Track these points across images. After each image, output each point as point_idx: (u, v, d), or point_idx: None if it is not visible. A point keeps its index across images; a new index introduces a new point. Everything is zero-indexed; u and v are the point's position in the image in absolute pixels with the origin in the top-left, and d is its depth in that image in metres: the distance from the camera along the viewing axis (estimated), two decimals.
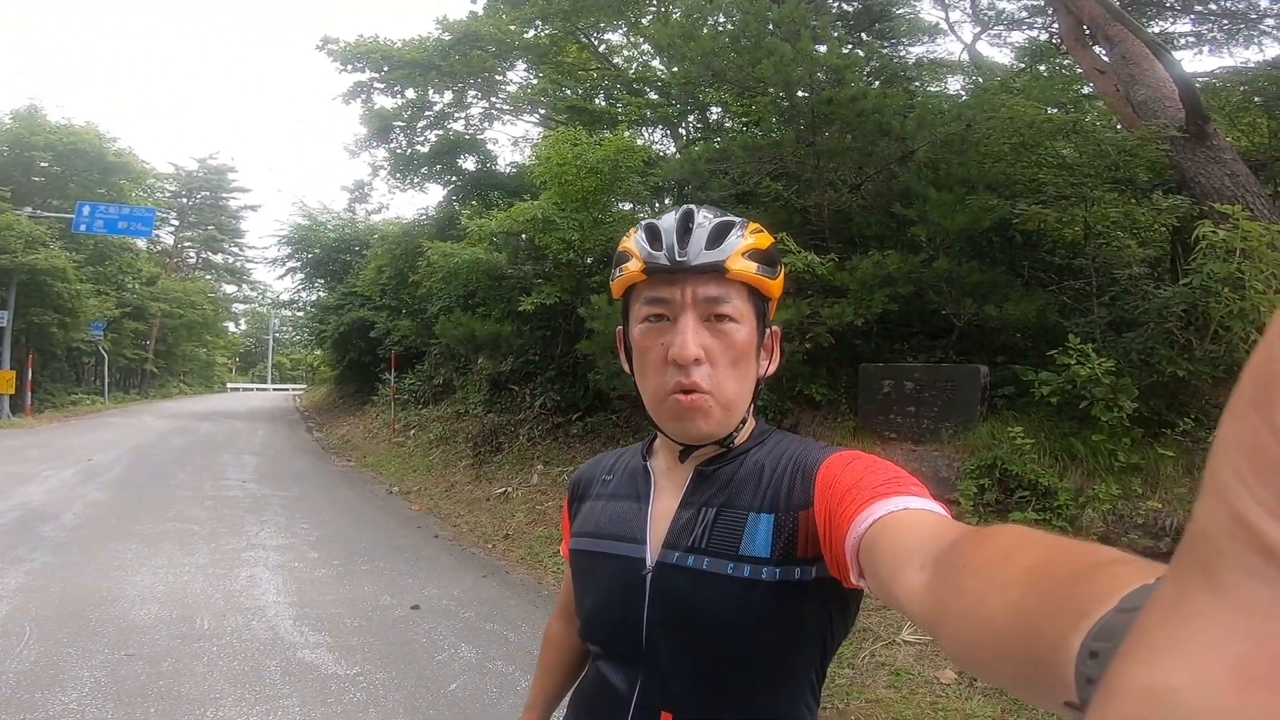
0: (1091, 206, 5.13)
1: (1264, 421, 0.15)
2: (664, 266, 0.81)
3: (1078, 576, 0.31)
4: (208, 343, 38.91)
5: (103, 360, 25.43)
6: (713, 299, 0.81)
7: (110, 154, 24.80)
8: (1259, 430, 0.15)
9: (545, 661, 1.09)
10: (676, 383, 0.80)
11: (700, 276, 0.81)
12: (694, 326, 0.80)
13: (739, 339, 0.82)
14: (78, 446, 12.02)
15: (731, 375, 0.82)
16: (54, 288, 18.43)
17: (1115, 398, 4.34)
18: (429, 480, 9.02)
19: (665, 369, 0.81)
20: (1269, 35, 7.78)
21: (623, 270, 0.86)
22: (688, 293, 0.81)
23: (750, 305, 0.83)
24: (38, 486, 8.19)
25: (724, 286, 0.81)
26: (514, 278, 8.23)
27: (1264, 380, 0.15)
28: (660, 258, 0.81)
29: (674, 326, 0.81)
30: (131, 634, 3.87)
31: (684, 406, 0.81)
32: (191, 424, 17.25)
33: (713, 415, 0.81)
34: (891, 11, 9.61)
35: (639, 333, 0.85)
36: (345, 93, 12.34)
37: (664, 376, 0.82)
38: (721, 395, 0.81)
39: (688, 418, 0.81)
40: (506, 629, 4.13)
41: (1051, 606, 0.31)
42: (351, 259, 18.42)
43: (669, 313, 0.82)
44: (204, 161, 38.04)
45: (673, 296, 0.81)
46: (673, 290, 0.81)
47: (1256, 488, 0.15)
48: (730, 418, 0.84)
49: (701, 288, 0.81)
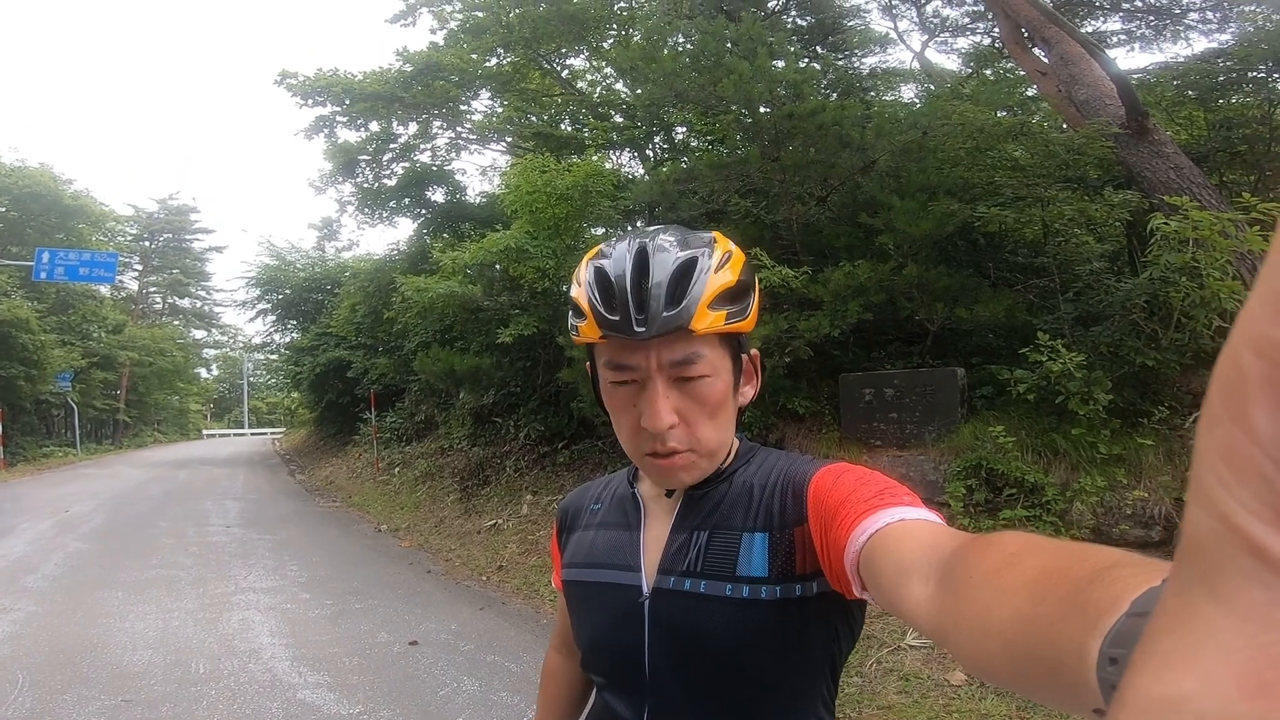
0: (1047, 206, 5.29)
1: (1237, 425, 0.16)
2: (621, 335, 0.75)
3: (1084, 582, 0.32)
4: (180, 390, 38.00)
5: (72, 411, 24.80)
6: (680, 362, 0.76)
7: (67, 196, 24.22)
8: (1233, 434, 0.16)
9: (546, 695, 1.07)
10: (653, 449, 0.79)
11: (665, 338, 0.75)
12: (663, 394, 0.76)
13: (714, 393, 0.78)
14: (53, 499, 11.73)
15: (710, 426, 0.79)
16: (18, 339, 18.01)
17: (1089, 391, 4.43)
18: (417, 517, 8.93)
19: (640, 432, 0.78)
20: (1194, 29, 8.10)
21: (578, 330, 0.80)
22: (652, 358, 0.76)
23: (724, 351, 0.79)
24: (16, 539, 8.02)
25: (692, 345, 0.76)
26: (490, 309, 8.22)
27: (1232, 386, 0.16)
28: (617, 323, 0.75)
29: (643, 393, 0.77)
30: (126, 680, 3.82)
31: (664, 467, 0.79)
32: (169, 472, 16.87)
33: (696, 468, 0.81)
34: (843, 24, 9.87)
35: (607, 392, 0.82)
36: (307, 128, 12.25)
37: (639, 440, 0.79)
38: (703, 448, 0.80)
39: (670, 475, 0.81)
40: (508, 660, 4.11)
41: (1063, 613, 0.32)
42: (324, 298, 18.20)
43: (636, 377, 0.78)
44: (164, 202, 36.88)
45: (637, 363, 0.76)
46: (635, 356, 0.76)
47: (1237, 489, 0.16)
48: (714, 462, 0.83)
49: (667, 351, 0.76)
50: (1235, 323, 0.17)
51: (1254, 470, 0.15)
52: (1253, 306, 0.16)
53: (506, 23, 9.93)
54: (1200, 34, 8.12)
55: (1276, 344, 0.15)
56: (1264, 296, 0.16)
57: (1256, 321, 0.16)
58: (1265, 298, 0.16)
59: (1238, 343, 0.16)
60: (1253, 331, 0.16)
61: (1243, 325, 0.16)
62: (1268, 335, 0.15)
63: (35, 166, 23.70)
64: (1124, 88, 5.24)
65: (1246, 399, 0.16)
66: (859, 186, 6.66)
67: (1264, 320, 0.16)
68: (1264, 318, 0.16)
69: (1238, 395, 0.16)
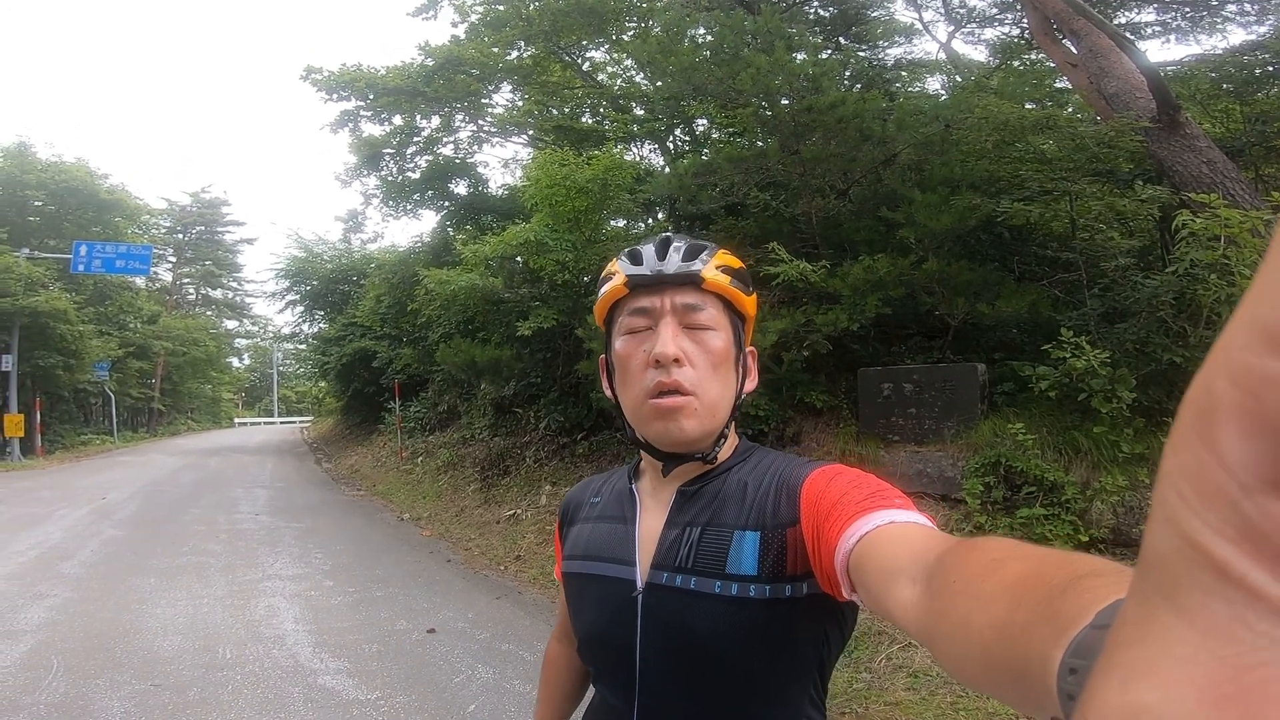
0: (1076, 200, 5.20)
1: (1205, 448, 0.16)
2: (645, 277, 0.87)
3: (1058, 591, 0.32)
4: (212, 379, 38.82)
5: (109, 400, 25.54)
6: (690, 306, 0.86)
7: (103, 191, 24.65)
8: (1201, 457, 0.16)
9: (547, 681, 1.10)
10: (658, 383, 0.82)
11: (678, 287, 0.86)
12: (674, 330, 0.84)
13: (716, 345, 0.85)
14: (90, 486, 12.11)
15: (712, 378, 0.84)
16: (57, 330, 18.43)
17: (1113, 389, 4.35)
18: (439, 506, 9.08)
19: (646, 372, 0.84)
20: (1231, 21, 7.87)
21: (606, 289, 0.91)
22: (667, 301, 0.86)
23: (726, 317, 0.88)
24: (54, 525, 8.28)
25: (700, 296, 0.86)
26: (511, 302, 8.28)
27: (1202, 410, 0.16)
28: (641, 270, 0.87)
29: (655, 333, 0.85)
30: (156, 665, 3.95)
31: (666, 407, 0.83)
32: (201, 460, 17.32)
33: (696, 416, 0.83)
34: (866, 15, 9.72)
35: (621, 344, 0.88)
36: (333, 122, 12.40)
37: (645, 379, 0.84)
38: (704, 396, 0.83)
39: (670, 417, 0.83)
40: (522, 649, 4.18)
41: (1034, 622, 0.32)
42: (350, 289, 18.48)
43: (650, 321, 0.86)
44: (197, 195, 37.56)
45: (653, 305, 0.86)
46: (653, 299, 0.86)
47: (1203, 511, 0.16)
48: (713, 422, 0.85)
49: (679, 296, 0.86)
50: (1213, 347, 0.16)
51: (1220, 494, 0.15)
52: (1232, 332, 0.16)
53: (526, 16, 9.93)
54: (1238, 26, 7.89)
55: (1252, 372, 0.15)
56: (1243, 322, 0.16)
57: (1234, 348, 0.16)
58: (1245, 324, 0.16)
59: (1213, 368, 0.16)
60: (1230, 358, 0.16)
61: (1220, 351, 0.16)
62: (1244, 363, 0.15)
63: (72, 162, 24.08)
64: (1154, 80, 5.10)
65: (1216, 424, 0.16)
66: (880, 180, 6.59)
67: (1242, 348, 0.15)
68: (1242, 345, 0.15)
69: (1208, 420, 0.16)
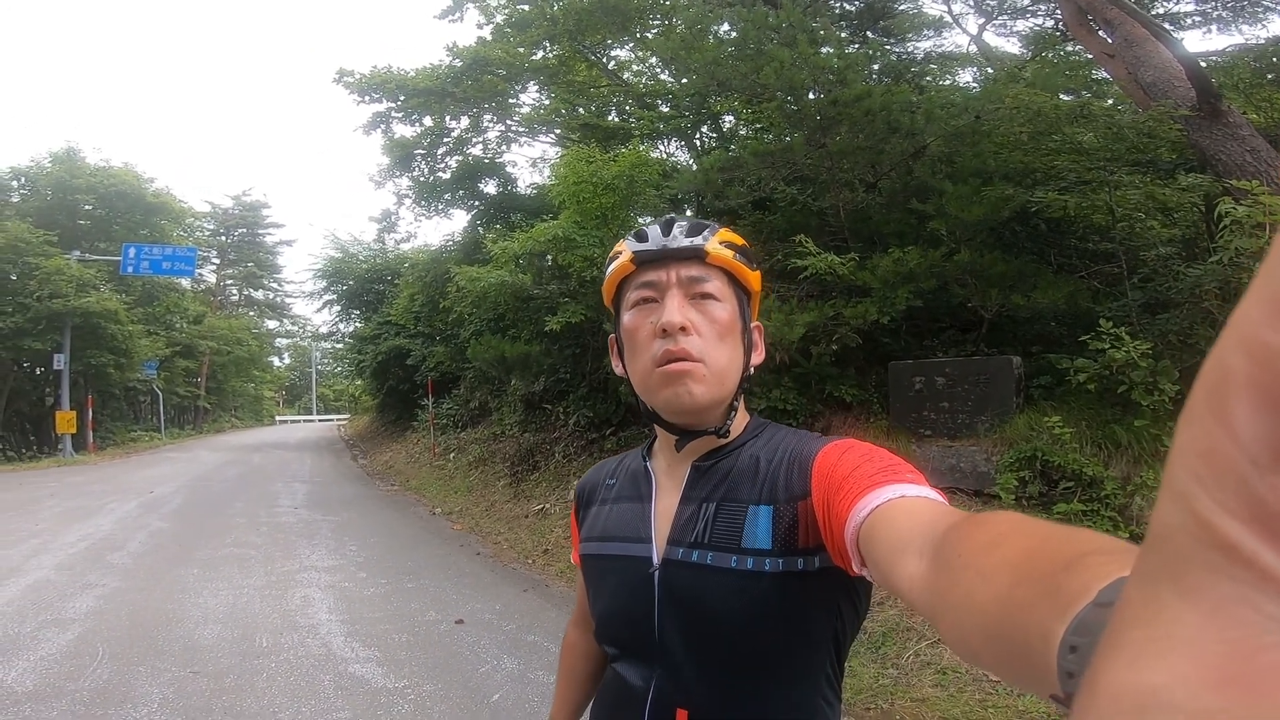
0: (1115, 190, 5.05)
1: (1218, 425, 0.16)
2: (651, 252, 0.88)
3: (1061, 567, 0.32)
4: (255, 378, 39.88)
5: (157, 398, 26.44)
6: (695, 278, 0.87)
7: (149, 195, 25.33)
8: (1213, 434, 0.16)
9: (565, 668, 1.11)
10: (666, 351, 0.84)
11: (684, 261, 0.88)
12: (680, 301, 0.86)
13: (722, 315, 0.87)
14: (139, 480, 12.55)
15: (719, 346, 0.86)
16: (108, 330, 19.04)
17: (1155, 381, 4.24)
18: (469, 500, 9.21)
19: (654, 342, 0.85)
20: (1273, 10, 7.61)
21: (613, 266, 0.93)
22: (672, 274, 0.87)
23: (730, 289, 0.89)
24: (104, 518, 8.59)
25: (705, 269, 0.88)
26: (540, 298, 8.34)
27: (1214, 385, 0.16)
28: (647, 246, 0.89)
29: (661, 305, 0.87)
30: (196, 653, 4.07)
31: (674, 371, 0.84)
32: (244, 456, 17.83)
33: (704, 381, 0.84)
34: (894, 8, 9.53)
35: (629, 318, 0.90)
36: (365, 124, 12.58)
37: (653, 349, 0.85)
38: (712, 364, 0.84)
39: (679, 382, 0.84)
40: (547, 640, 4.22)
41: (1036, 598, 0.32)
42: (384, 288, 18.81)
43: (656, 294, 0.88)
44: (238, 198, 38.48)
45: (659, 279, 0.88)
46: (659, 273, 0.88)
47: (1212, 487, 0.15)
48: (721, 390, 0.86)
49: (685, 269, 0.87)
50: (1228, 322, 0.16)
51: (1231, 470, 0.15)
52: (1247, 307, 0.16)
53: (551, 15, 9.99)
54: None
55: (1267, 346, 0.15)
56: (1259, 297, 0.15)
57: (1249, 322, 0.15)
58: (1260, 298, 0.15)
59: (1228, 343, 0.16)
60: (1244, 332, 0.16)
61: (1235, 325, 0.16)
62: (1259, 337, 0.15)
63: (119, 166, 24.87)
64: (1192, 69, 4.95)
65: (1229, 399, 0.15)
66: (910, 172, 6.48)
67: (1257, 322, 0.15)
68: (1258, 319, 0.15)
69: (1221, 395, 0.16)
